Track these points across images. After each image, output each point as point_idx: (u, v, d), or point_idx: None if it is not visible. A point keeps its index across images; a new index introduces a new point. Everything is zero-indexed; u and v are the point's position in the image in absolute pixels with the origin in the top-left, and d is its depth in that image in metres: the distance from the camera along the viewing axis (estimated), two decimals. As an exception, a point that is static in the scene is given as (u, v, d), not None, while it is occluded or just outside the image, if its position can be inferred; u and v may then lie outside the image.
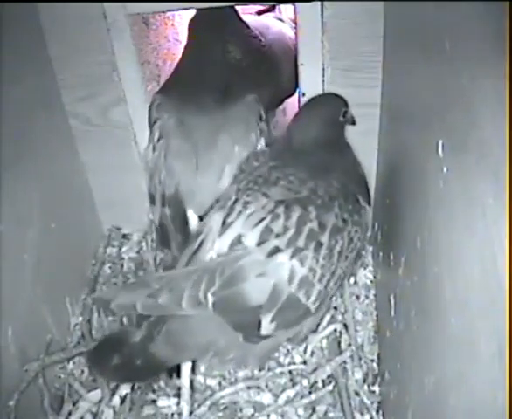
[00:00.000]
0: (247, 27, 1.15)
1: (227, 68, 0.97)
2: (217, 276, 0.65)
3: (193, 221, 0.89)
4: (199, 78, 0.92)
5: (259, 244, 0.66)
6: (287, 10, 1.31)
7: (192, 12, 1.02)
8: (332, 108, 0.79)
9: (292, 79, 1.10)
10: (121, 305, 0.66)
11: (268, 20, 1.26)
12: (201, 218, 0.88)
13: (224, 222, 0.70)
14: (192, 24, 0.99)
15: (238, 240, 0.67)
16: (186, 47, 1.00)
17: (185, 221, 0.89)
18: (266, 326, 0.66)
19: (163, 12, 1.03)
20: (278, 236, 0.66)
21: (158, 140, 0.91)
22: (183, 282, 0.65)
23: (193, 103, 0.90)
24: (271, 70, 1.16)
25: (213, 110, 0.90)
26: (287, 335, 0.75)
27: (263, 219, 0.67)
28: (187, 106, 0.90)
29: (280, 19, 1.29)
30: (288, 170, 0.73)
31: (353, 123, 0.82)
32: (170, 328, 0.70)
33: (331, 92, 0.83)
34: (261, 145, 0.92)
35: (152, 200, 0.92)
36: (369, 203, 0.77)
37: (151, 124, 0.93)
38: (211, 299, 0.64)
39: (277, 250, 0.65)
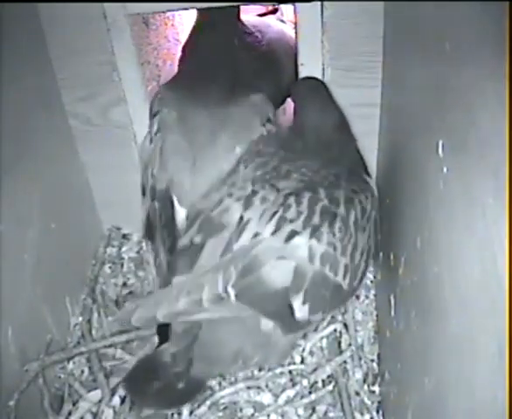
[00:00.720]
0: (246, 26, 1.15)
1: (233, 66, 0.95)
2: (233, 268, 0.63)
3: (180, 217, 0.87)
4: (204, 76, 0.91)
5: (274, 232, 0.65)
6: (287, 12, 1.31)
7: (193, 12, 1.02)
8: (324, 86, 0.80)
9: (293, 78, 1.10)
10: (141, 318, 0.64)
11: (269, 20, 1.27)
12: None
13: (241, 217, 0.68)
14: (197, 22, 0.99)
15: (255, 237, 0.66)
16: (189, 44, 0.99)
17: (172, 217, 0.87)
18: (300, 309, 0.65)
19: (163, 12, 1.03)
20: (292, 221, 0.65)
21: (156, 133, 0.90)
22: (199, 282, 0.64)
23: (196, 100, 0.89)
24: (272, 68, 1.16)
25: (216, 108, 0.88)
26: (325, 316, 0.75)
27: (276, 212, 0.67)
28: (189, 102, 0.89)
29: (282, 21, 1.30)
30: (300, 162, 0.73)
31: None
32: (203, 345, 0.68)
33: (305, 77, 0.84)
34: None
35: (143, 191, 0.91)
36: (369, 176, 0.78)
37: (151, 116, 0.92)
38: (232, 292, 0.63)
39: (294, 233, 0.65)
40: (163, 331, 0.70)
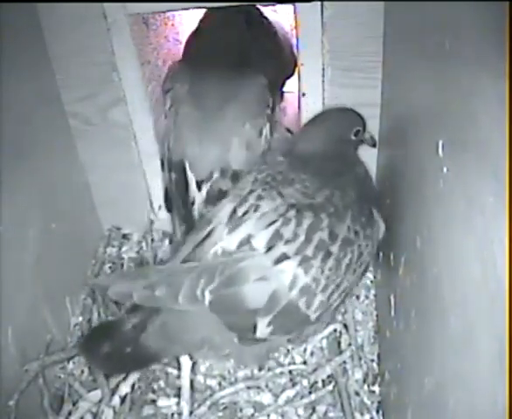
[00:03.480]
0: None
1: (239, 46, 1.00)
2: (218, 274, 0.64)
3: (193, 185, 0.92)
4: (212, 54, 0.96)
5: (268, 249, 0.65)
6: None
7: (193, 12, 1.02)
8: (340, 125, 0.78)
9: (291, 60, 1.13)
10: (118, 292, 0.66)
11: (264, 10, 1.29)
12: (198, 184, 0.91)
13: (234, 211, 0.70)
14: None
15: (247, 240, 0.66)
16: (197, 29, 1.04)
17: (186, 187, 0.92)
18: (262, 329, 0.66)
19: (163, 12, 1.03)
20: (287, 242, 0.65)
21: (169, 108, 0.95)
22: (181, 277, 0.65)
23: (207, 74, 0.94)
24: (272, 50, 1.18)
25: (226, 83, 0.93)
26: (285, 338, 0.75)
27: (274, 222, 0.66)
28: (200, 77, 0.94)
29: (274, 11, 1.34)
30: (304, 175, 0.72)
31: (373, 145, 0.81)
32: (164, 320, 0.69)
33: (348, 108, 0.80)
34: (267, 130, 0.94)
35: (162, 166, 0.97)
36: (383, 220, 0.75)
37: (164, 93, 0.97)
38: (208, 297, 0.64)
39: (284, 257, 0.65)
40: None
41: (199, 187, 0.92)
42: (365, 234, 0.69)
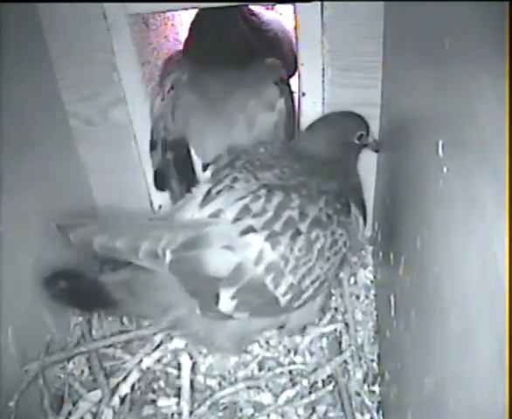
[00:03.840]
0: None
1: (241, 38, 1.00)
2: (181, 235, 0.63)
3: (198, 167, 0.92)
4: (214, 46, 0.96)
5: (235, 220, 0.65)
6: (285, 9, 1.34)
7: (193, 12, 1.02)
8: (345, 128, 0.78)
9: (291, 58, 1.13)
10: (79, 236, 0.64)
11: (265, 11, 1.30)
12: (205, 167, 0.91)
13: (209, 191, 0.69)
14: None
15: (216, 214, 0.66)
16: (197, 22, 1.03)
17: (189, 162, 0.92)
18: (226, 302, 0.65)
19: (163, 12, 1.03)
20: (255, 216, 0.65)
21: (169, 91, 0.94)
22: (144, 231, 0.64)
23: (208, 63, 0.94)
24: (273, 44, 1.19)
25: (230, 70, 0.93)
26: (259, 324, 0.73)
27: (243, 197, 0.66)
28: (201, 64, 0.94)
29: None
30: (285, 162, 0.73)
31: (376, 151, 0.81)
32: (127, 271, 0.68)
33: (352, 112, 0.81)
34: (281, 106, 0.93)
35: (153, 146, 0.96)
36: (363, 218, 0.75)
37: (164, 76, 0.97)
38: (168, 257, 0.63)
39: (251, 229, 0.64)
40: None
41: (205, 169, 0.91)
42: (339, 220, 0.68)
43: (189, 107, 0.93)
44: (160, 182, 0.97)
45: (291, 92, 0.97)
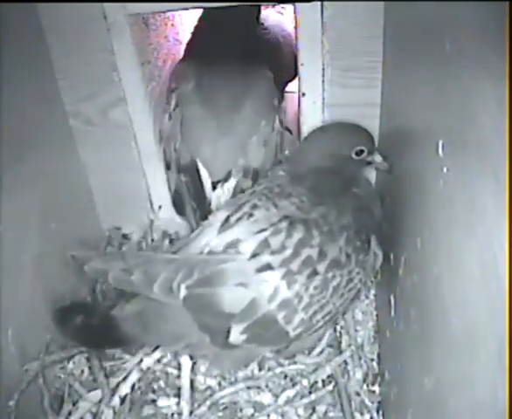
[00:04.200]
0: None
1: (246, 40, 1.00)
2: (197, 271, 0.63)
3: (208, 185, 0.90)
4: (216, 51, 0.94)
5: (253, 255, 0.64)
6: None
7: (193, 12, 1.02)
8: (338, 141, 0.75)
9: (292, 63, 1.12)
10: (94, 269, 0.65)
11: (268, 11, 1.30)
12: (214, 184, 0.89)
13: (227, 219, 0.69)
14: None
15: (234, 244, 0.66)
16: (199, 27, 1.04)
17: (201, 187, 0.90)
18: (236, 336, 0.65)
19: (163, 12, 1.03)
20: (273, 252, 0.64)
21: (174, 109, 0.93)
22: (160, 266, 0.64)
23: (212, 72, 0.92)
24: (274, 51, 1.19)
25: (233, 79, 0.92)
26: (265, 350, 0.74)
27: (264, 230, 0.66)
28: (205, 74, 0.93)
29: (280, 12, 1.34)
30: (301, 189, 0.71)
31: (389, 172, 0.76)
32: (139, 303, 0.68)
33: (353, 125, 0.76)
34: (277, 124, 0.94)
35: (168, 166, 0.95)
36: (382, 251, 0.73)
37: (169, 93, 0.95)
38: (183, 292, 0.63)
39: (268, 266, 0.64)
40: None
41: (214, 187, 0.90)
42: (358, 259, 0.68)
43: (196, 123, 0.91)
44: (179, 206, 0.95)
45: (281, 111, 0.98)
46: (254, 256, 0.64)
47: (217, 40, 0.97)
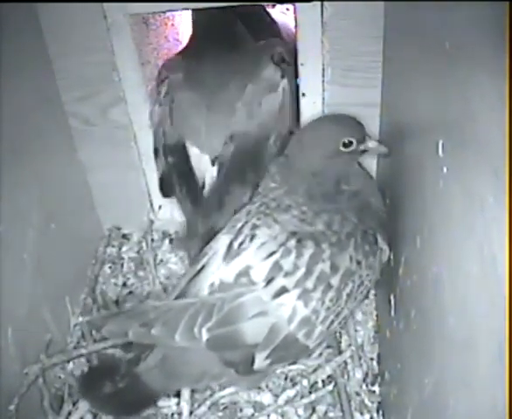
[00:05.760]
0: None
1: (241, 36, 0.99)
2: (215, 312, 0.63)
3: (204, 163, 0.89)
4: (210, 43, 0.95)
5: (267, 282, 0.64)
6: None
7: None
8: (321, 140, 0.72)
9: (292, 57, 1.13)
10: (112, 330, 0.65)
11: (270, 10, 1.30)
12: (213, 162, 0.89)
13: (230, 244, 0.69)
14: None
15: (245, 272, 0.65)
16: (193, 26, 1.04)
17: (189, 167, 0.90)
18: (261, 362, 0.65)
19: (163, 12, 1.03)
20: (287, 274, 0.64)
21: (164, 96, 0.93)
22: (179, 314, 0.64)
23: (201, 61, 0.93)
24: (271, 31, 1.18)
25: (226, 59, 0.92)
26: (282, 366, 0.75)
27: (273, 253, 0.65)
28: (195, 63, 0.93)
29: (283, 12, 1.34)
30: (300, 199, 0.70)
31: (386, 155, 0.74)
32: (162, 356, 0.68)
33: (338, 116, 0.74)
34: (285, 85, 0.92)
35: (156, 153, 0.95)
36: (388, 244, 0.73)
37: (159, 83, 0.96)
38: (205, 336, 0.62)
39: (284, 290, 0.64)
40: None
41: (213, 163, 0.89)
42: (367, 263, 0.68)
43: (186, 105, 0.92)
44: (165, 189, 0.95)
45: (296, 72, 0.92)
46: (269, 282, 0.64)
47: (209, 37, 0.97)
